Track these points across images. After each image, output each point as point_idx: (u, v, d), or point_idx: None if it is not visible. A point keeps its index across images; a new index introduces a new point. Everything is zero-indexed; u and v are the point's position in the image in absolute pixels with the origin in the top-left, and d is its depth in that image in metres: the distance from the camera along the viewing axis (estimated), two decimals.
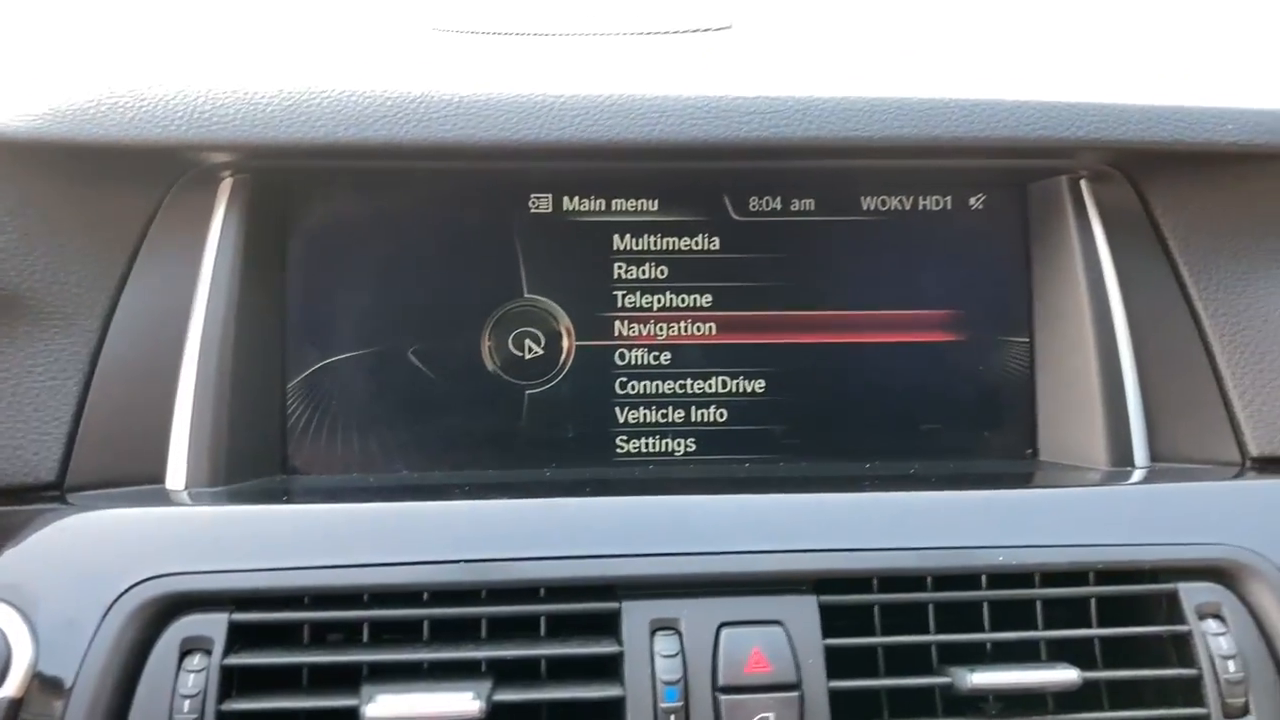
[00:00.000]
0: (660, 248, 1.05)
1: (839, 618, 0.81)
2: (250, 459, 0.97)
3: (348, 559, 0.80)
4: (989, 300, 1.07)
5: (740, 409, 1.05)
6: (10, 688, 0.75)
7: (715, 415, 1.05)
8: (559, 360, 1.04)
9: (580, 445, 1.04)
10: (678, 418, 1.05)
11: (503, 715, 0.76)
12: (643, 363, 1.05)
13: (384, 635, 0.82)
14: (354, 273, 1.02)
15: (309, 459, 1.02)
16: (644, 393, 1.04)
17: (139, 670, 0.77)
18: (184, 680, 0.76)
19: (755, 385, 1.05)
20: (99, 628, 0.77)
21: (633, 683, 0.78)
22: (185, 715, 0.75)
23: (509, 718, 0.77)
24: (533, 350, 1.03)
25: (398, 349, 1.02)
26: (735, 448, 1.05)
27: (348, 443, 1.02)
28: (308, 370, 1.02)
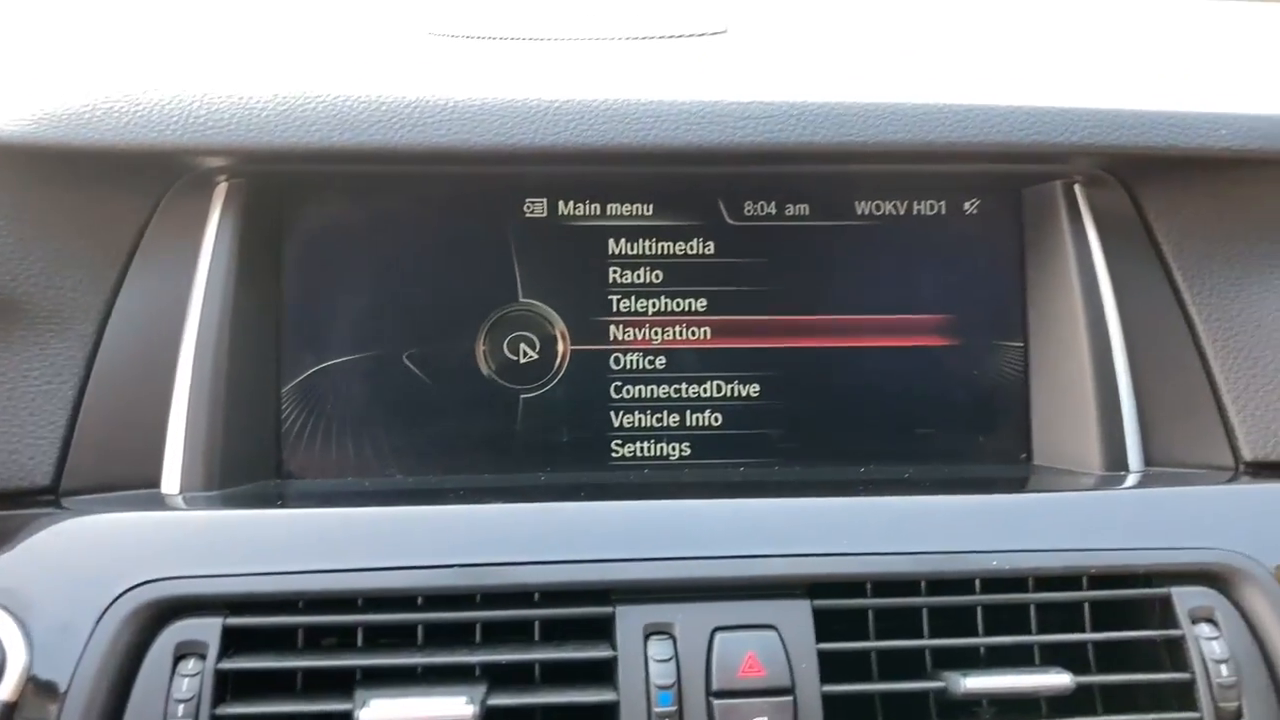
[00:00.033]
0: (655, 252, 1.05)
1: (833, 622, 0.82)
2: (245, 463, 0.97)
3: (342, 563, 0.80)
4: (983, 305, 1.07)
5: (735, 413, 1.05)
6: (4, 692, 0.75)
7: (710, 419, 1.05)
8: (554, 364, 1.04)
9: (575, 449, 1.04)
10: (673, 422, 1.05)
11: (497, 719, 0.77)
12: (638, 367, 1.05)
13: (378, 639, 0.82)
14: (349, 277, 1.02)
15: (304, 463, 1.02)
16: (639, 397, 1.05)
17: (133, 674, 0.77)
18: (178, 684, 0.76)
19: (750, 389, 1.05)
20: (93, 632, 0.77)
21: (626, 687, 0.78)
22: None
23: None
24: (528, 354, 1.03)
25: (393, 353, 1.02)
26: (730, 452, 1.05)
27: (342, 447, 1.02)
28: (303, 374, 1.02)
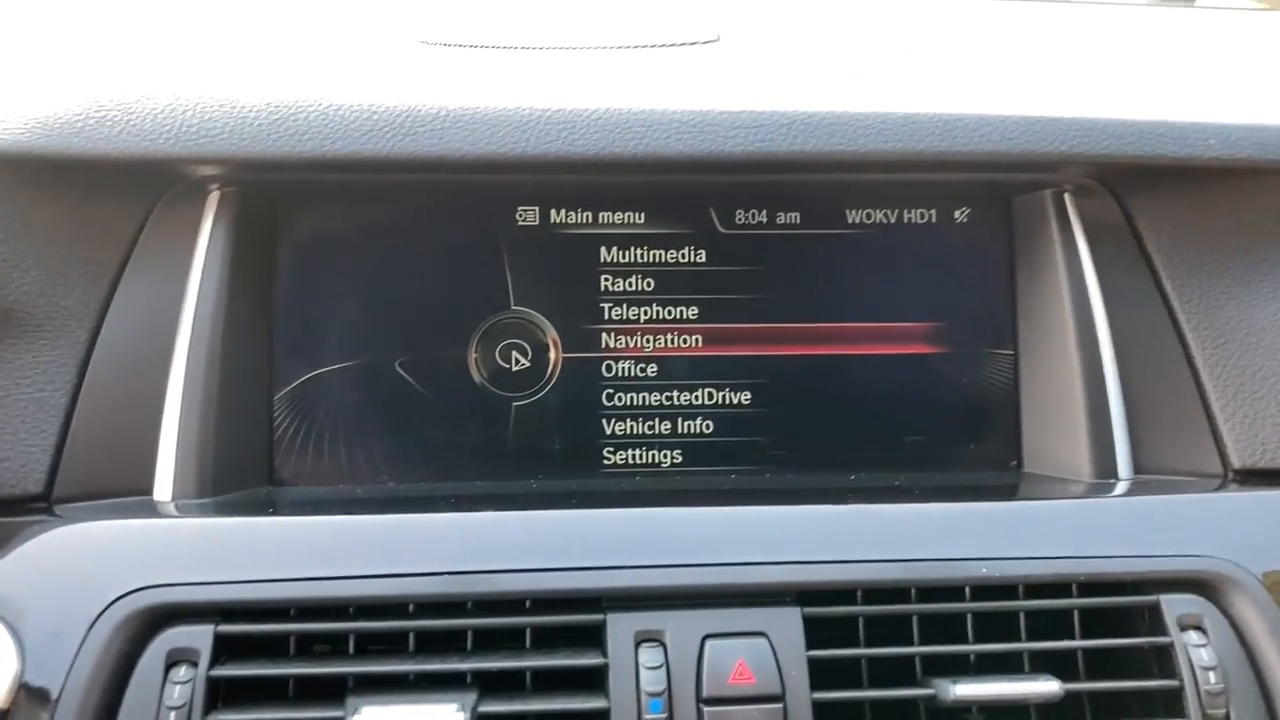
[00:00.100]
0: (647, 260, 1.05)
1: (823, 629, 0.82)
2: (237, 470, 0.97)
3: (334, 571, 0.80)
4: (974, 313, 1.07)
5: (727, 421, 1.05)
6: None
7: (702, 427, 1.05)
8: (546, 372, 1.04)
9: (567, 457, 1.04)
10: (664, 429, 1.05)
11: None
12: (629, 375, 1.05)
13: (370, 647, 0.82)
14: (341, 285, 1.02)
15: (296, 470, 1.02)
16: (631, 404, 1.05)
17: (125, 681, 0.77)
18: (170, 692, 0.76)
19: (742, 397, 1.05)
20: (85, 639, 0.77)
21: (617, 694, 0.78)
22: None
23: None
24: (520, 362, 1.04)
25: (385, 361, 1.03)
26: (722, 459, 1.05)
27: (334, 454, 1.02)
28: (295, 382, 1.02)
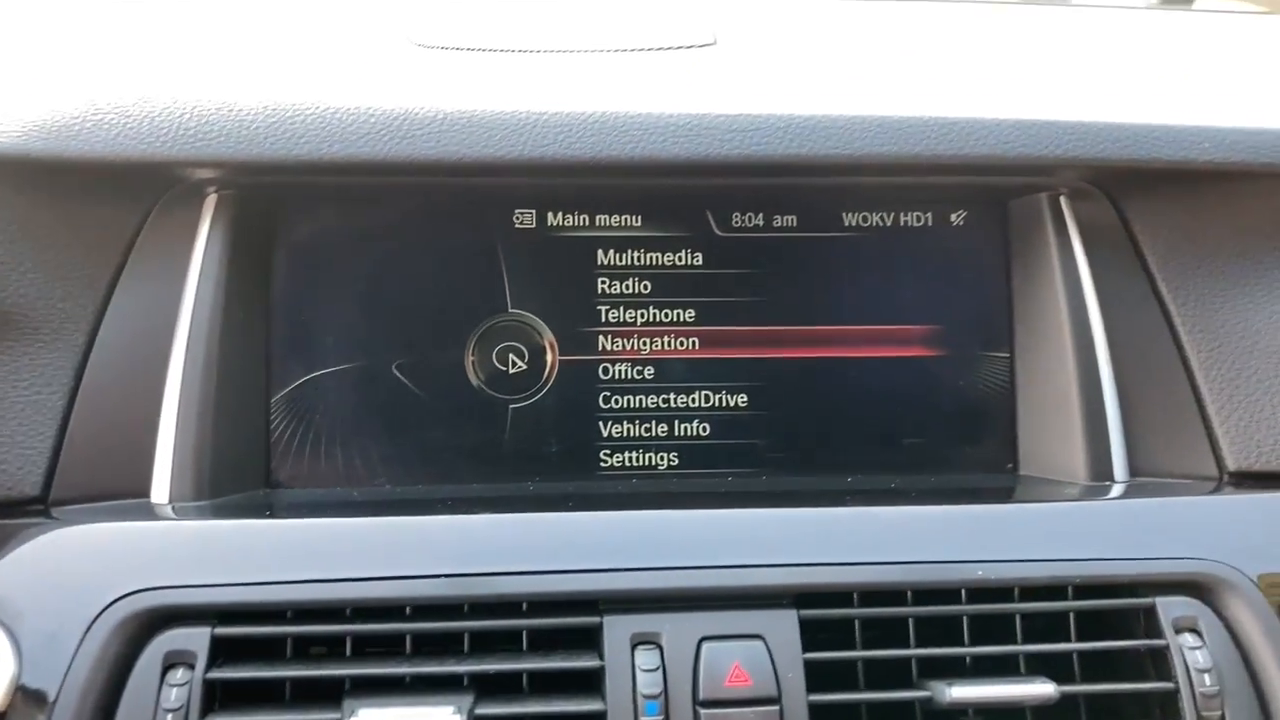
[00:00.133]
0: (644, 263, 1.05)
1: (819, 632, 0.82)
2: (234, 473, 0.97)
3: (331, 573, 0.80)
4: (970, 316, 1.08)
5: (723, 423, 1.06)
6: None
7: (698, 429, 1.05)
8: (543, 375, 1.04)
9: (564, 459, 1.04)
10: (661, 432, 1.05)
11: None
12: (626, 377, 1.05)
13: (367, 649, 0.82)
14: (338, 288, 1.03)
15: (293, 473, 1.02)
16: (627, 407, 1.05)
17: (122, 684, 0.77)
18: (167, 694, 0.76)
19: (738, 400, 1.06)
20: (82, 641, 0.77)
21: (614, 697, 0.78)
22: None
23: None
24: (516, 365, 1.04)
25: (382, 363, 1.03)
26: (718, 462, 1.05)
27: (331, 457, 1.02)
28: (292, 385, 1.02)
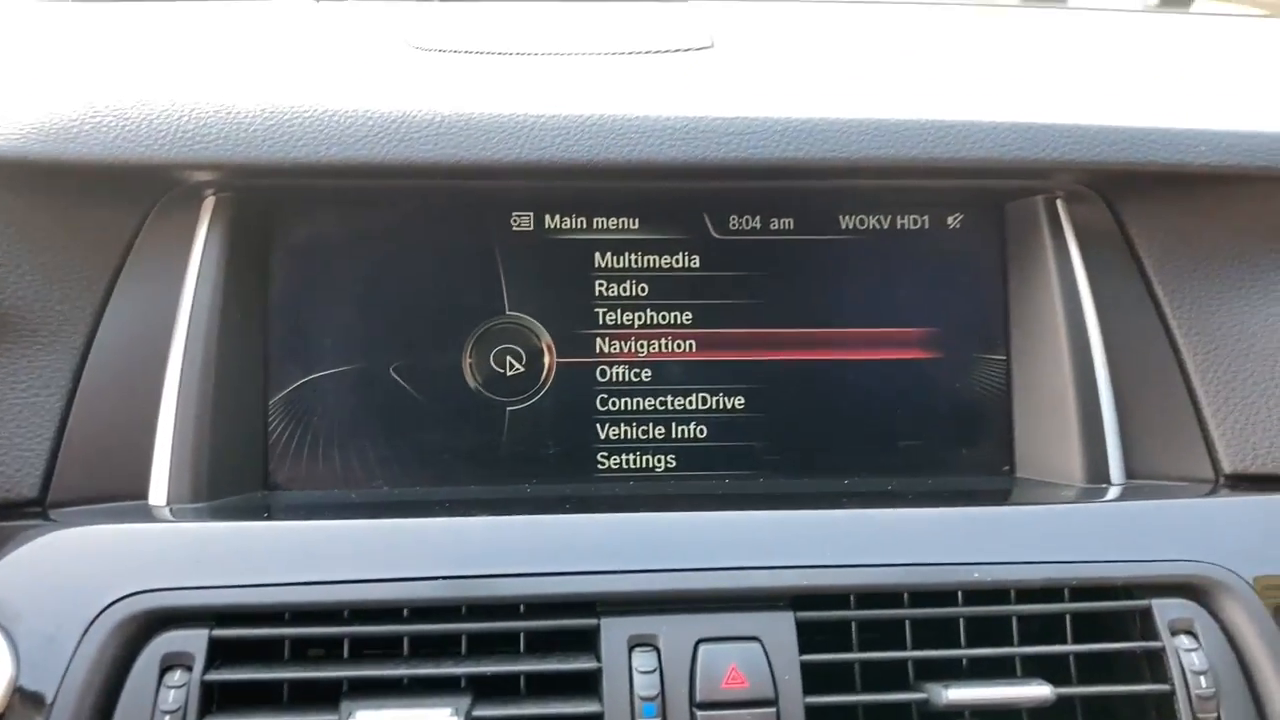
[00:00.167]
0: (641, 265, 1.06)
1: (816, 634, 0.82)
2: (232, 475, 0.97)
3: (328, 575, 0.81)
4: (966, 318, 1.08)
5: (720, 425, 1.06)
6: None
7: (695, 431, 1.06)
8: (540, 377, 1.04)
9: (561, 461, 1.04)
10: (658, 434, 1.05)
11: None
12: (624, 379, 1.05)
13: (364, 651, 0.82)
14: (336, 290, 1.03)
15: (291, 475, 1.02)
16: (625, 409, 1.05)
17: (120, 686, 0.77)
18: (164, 696, 0.76)
19: (735, 402, 1.06)
20: (80, 643, 0.77)
21: (610, 699, 0.78)
22: None
23: None
24: (514, 367, 1.04)
25: (379, 366, 1.03)
26: (715, 464, 1.06)
27: (329, 459, 1.02)
28: (290, 386, 1.02)
